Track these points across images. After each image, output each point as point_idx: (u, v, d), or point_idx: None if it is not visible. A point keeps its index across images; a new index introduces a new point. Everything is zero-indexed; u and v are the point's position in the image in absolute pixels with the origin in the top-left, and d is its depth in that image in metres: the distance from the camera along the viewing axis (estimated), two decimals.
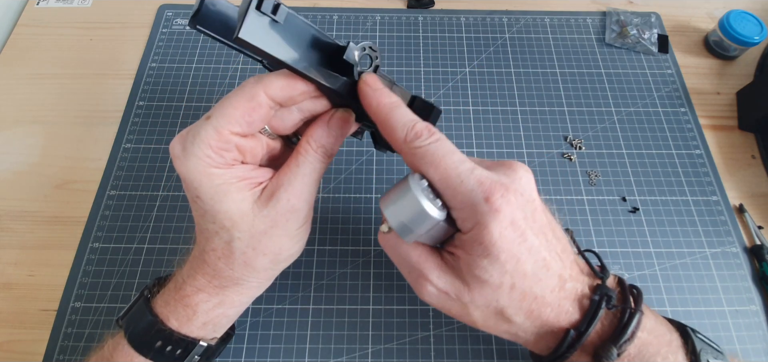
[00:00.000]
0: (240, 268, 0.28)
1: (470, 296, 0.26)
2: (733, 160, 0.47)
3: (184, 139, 0.26)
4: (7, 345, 0.37)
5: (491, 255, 0.25)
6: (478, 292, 0.26)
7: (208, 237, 0.28)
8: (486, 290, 0.26)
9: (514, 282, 0.26)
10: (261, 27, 0.23)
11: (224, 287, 0.29)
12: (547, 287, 0.26)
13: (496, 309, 0.27)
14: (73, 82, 0.51)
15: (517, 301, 0.26)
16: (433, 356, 0.37)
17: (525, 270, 0.25)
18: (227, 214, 0.26)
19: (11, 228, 0.42)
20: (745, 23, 0.51)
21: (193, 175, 0.25)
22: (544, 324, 0.27)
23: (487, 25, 0.56)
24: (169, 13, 0.56)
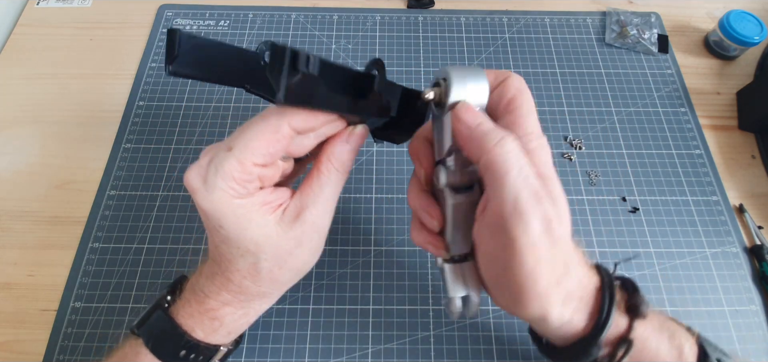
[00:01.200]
0: (267, 284, 0.29)
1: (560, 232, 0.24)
2: (733, 160, 0.47)
3: (204, 172, 0.25)
4: (7, 345, 0.37)
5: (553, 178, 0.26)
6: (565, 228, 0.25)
7: (232, 260, 0.28)
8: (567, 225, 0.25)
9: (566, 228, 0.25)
10: (297, 83, 0.23)
11: (250, 300, 0.30)
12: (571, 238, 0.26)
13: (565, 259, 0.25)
14: (73, 82, 0.51)
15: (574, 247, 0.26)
16: (433, 356, 0.37)
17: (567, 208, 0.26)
18: (253, 240, 0.27)
19: (11, 228, 0.42)
20: (745, 23, 0.51)
21: (216, 207, 0.25)
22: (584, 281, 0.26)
23: (487, 25, 0.56)
24: (169, 13, 0.56)
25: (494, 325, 0.38)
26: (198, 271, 0.31)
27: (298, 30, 0.55)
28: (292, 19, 0.56)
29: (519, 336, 0.38)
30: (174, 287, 0.32)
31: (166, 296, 0.31)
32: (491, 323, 0.38)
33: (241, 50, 0.26)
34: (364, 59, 0.53)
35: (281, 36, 0.54)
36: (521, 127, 0.26)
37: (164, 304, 0.30)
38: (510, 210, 0.24)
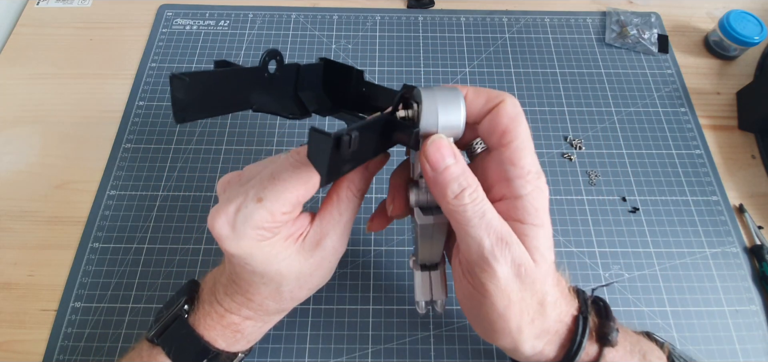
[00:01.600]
0: (287, 302, 0.31)
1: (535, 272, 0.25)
2: (733, 160, 0.47)
3: (232, 220, 0.25)
4: (7, 345, 0.37)
5: (545, 227, 0.25)
6: (541, 268, 0.25)
7: (254, 285, 0.29)
8: (544, 266, 0.25)
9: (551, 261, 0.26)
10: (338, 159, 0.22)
11: (271, 315, 0.32)
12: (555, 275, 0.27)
13: (541, 299, 0.26)
14: (73, 82, 0.51)
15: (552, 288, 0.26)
16: (433, 356, 0.37)
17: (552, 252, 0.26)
18: (277, 272, 0.28)
19: (11, 228, 0.42)
20: (745, 23, 0.51)
21: (244, 251, 0.26)
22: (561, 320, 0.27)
23: (487, 25, 0.56)
24: (169, 13, 0.56)
25: None
26: (213, 282, 0.31)
27: (298, 30, 0.55)
28: (292, 19, 0.56)
29: None
30: (190, 294, 0.32)
31: (182, 305, 0.31)
32: None
33: (242, 70, 0.26)
34: (364, 59, 0.53)
35: (281, 36, 0.54)
36: (516, 164, 0.25)
37: (184, 315, 0.31)
38: (475, 258, 0.25)
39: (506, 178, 0.25)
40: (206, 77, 0.24)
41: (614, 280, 0.39)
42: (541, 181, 0.26)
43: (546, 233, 0.26)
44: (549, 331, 0.27)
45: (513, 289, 0.25)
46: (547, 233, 0.26)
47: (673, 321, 0.39)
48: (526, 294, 0.25)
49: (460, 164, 0.25)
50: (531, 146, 0.26)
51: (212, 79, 0.25)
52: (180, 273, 0.40)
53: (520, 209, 0.25)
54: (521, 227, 0.25)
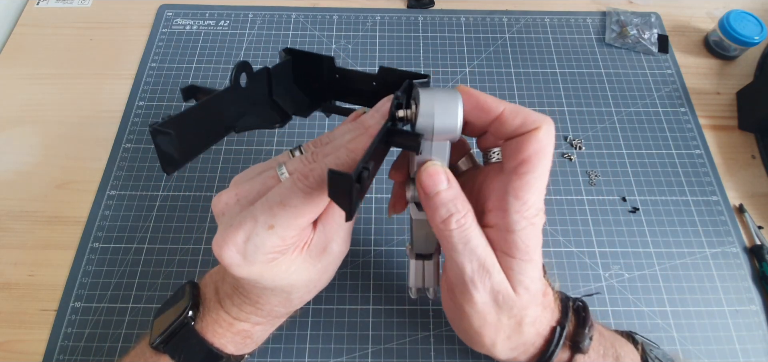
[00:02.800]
0: (297, 305, 0.31)
1: (514, 301, 0.26)
2: (733, 160, 0.47)
3: (243, 249, 0.25)
4: (7, 345, 0.37)
5: (533, 261, 0.26)
6: (522, 298, 0.26)
7: (263, 296, 0.29)
8: (526, 296, 0.26)
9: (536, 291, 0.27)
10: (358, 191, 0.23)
11: (280, 318, 0.32)
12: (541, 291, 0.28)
13: (519, 321, 0.27)
14: (73, 82, 0.51)
15: (533, 309, 0.27)
16: (433, 356, 0.37)
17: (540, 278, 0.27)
18: (288, 284, 0.28)
19: (11, 228, 0.42)
20: (745, 23, 0.51)
21: (255, 275, 0.26)
22: (540, 332, 0.28)
23: (487, 25, 0.56)
24: (169, 13, 0.56)
25: None
26: (214, 288, 0.31)
27: (298, 30, 0.55)
28: (292, 19, 0.56)
29: None
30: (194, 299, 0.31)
31: (187, 311, 0.30)
32: None
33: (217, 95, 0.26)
34: (364, 59, 0.53)
35: (281, 36, 0.54)
36: (519, 198, 0.25)
37: (190, 322, 0.30)
38: (456, 281, 0.27)
39: (504, 209, 0.26)
40: (187, 117, 0.24)
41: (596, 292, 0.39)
42: (538, 219, 0.26)
43: (533, 267, 0.26)
44: (526, 344, 0.28)
45: (489, 313, 0.27)
46: (535, 267, 0.27)
47: (673, 321, 0.39)
48: (502, 317, 0.27)
49: (451, 190, 0.25)
50: (543, 181, 0.26)
51: (192, 116, 0.24)
52: (180, 273, 0.40)
53: (510, 243, 0.26)
54: (508, 260, 0.26)
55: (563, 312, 0.29)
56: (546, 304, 0.29)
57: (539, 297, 0.28)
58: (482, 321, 0.27)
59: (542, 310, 0.28)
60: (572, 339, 0.29)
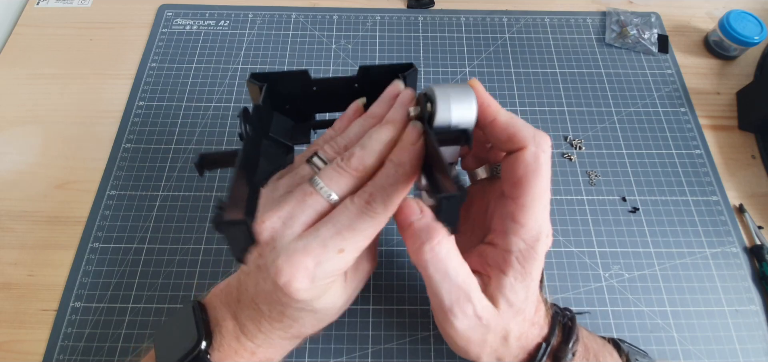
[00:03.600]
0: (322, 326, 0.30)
1: (498, 320, 0.27)
2: (733, 160, 0.47)
3: (312, 274, 0.24)
4: (7, 345, 0.37)
5: (527, 277, 0.26)
6: (504, 316, 0.27)
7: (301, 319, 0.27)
8: (509, 313, 0.27)
9: (525, 309, 0.28)
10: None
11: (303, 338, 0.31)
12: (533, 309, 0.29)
13: (504, 336, 0.28)
14: (73, 82, 0.51)
15: (520, 324, 0.28)
16: (433, 356, 0.37)
17: (534, 296, 0.28)
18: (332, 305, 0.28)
19: (11, 228, 0.42)
20: (745, 23, 0.51)
21: (313, 297, 0.26)
22: (525, 347, 0.29)
23: (487, 25, 0.56)
24: (169, 13, 0.56)
25: None
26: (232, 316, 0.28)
27: (298, 30, 0.55)
28: (292, 19, 0.56)
29: None
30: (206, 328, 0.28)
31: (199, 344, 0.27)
32: None
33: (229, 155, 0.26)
34: (364, 59, 0.53)
35: (281, 36, 0.54)
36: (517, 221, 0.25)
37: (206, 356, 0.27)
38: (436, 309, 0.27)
39: (503, 230, 0.26)
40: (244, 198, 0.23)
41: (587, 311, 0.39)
42: (540, 244, 0.26)
43: (524, 287, 0.27)
44: (510, 356, 0.29)
45: (473, 334, 0.27)
46: (526, 287, 0.27)
47: (673, 321, 0.39)
48: (488, 336, 0.27)
49: (424, 219, 0.26)
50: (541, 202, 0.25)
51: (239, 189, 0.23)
52: (180, 273, 0.40)
53: (506, 262, 0.26)
54: (501, 276, 0.26)
55: (551, 329, 0.29)
56: (535, 321, 0.29)
57: (524, 313, 0.28)
58: (466, 341, 0.28)
59: (530, 326, 0.29)
60: (555, 353, 0.29)
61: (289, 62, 0.52)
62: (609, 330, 0.38)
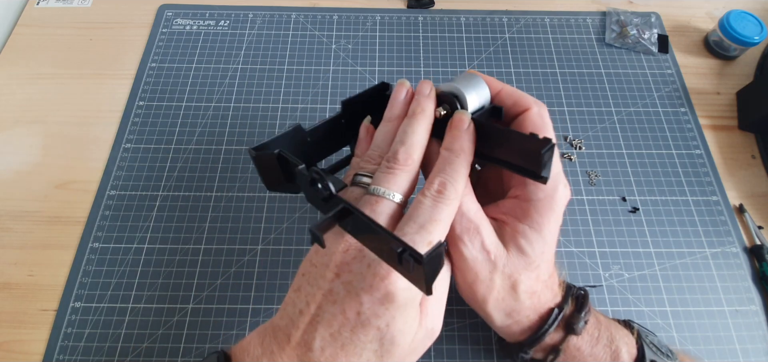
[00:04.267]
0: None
1: (504, 262, 0.28)
2: (733, 160, 0.47)
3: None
4: (7, 345, 0.37)
5: (542, 231, 0.28)
6: (514, 261, 0.28)
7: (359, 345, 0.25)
8: (520, 261, 0.28)
9: (540, 264, 0.28)
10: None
11: None
12: (548, 272, 0.30)
13: (512, 283, 0.28)
14: (73, 82, 0.51)
15: (532, 281, 0.29)
16: (433, 356, 0.37)
17: (550, 256, 0.29)
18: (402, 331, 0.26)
19: (11, 228, 0.42)
20: (745, 23, 0.51)
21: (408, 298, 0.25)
22: (537, 307, 0.29)
23: (487, 25, 0.56)
24: (169, 13, 0.56)
25: None
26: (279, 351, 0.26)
27: (298, 30, 0.55)
28: (292, 19, 0.56)
29: None
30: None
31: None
32: None
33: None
34: (364, 59, 0.53)
35: (281, 36, 0.54)
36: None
37: None
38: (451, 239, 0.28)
39: (522, 182, 0.29)
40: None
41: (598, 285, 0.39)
42: (557, 194, 0.28)
43: (540, 238, 0.28)
44: (520, 314, 0.29)
45: (481, 269, 0.28)
46: (542, 238, 0.28)
47: (673, 321, 0.39)
48: (495, 276, 0.28)
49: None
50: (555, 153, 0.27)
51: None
52: (180, 273, 0.40)
53: (522, 210, 0.28)
54: (517, 224, 0.28)
55: (565, 297, 0.30)
56: (549, 285, 0.30)
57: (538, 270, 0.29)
58: (474, 276, 0.28)
59: (543, 288, 0.29)
60: (567, 320, 0.30)
61: (289, 62, 0.52)
62: None
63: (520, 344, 0.31)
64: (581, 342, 0.30)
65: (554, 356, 0.30)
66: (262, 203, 0.44)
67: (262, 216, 0.43)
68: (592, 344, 0.30)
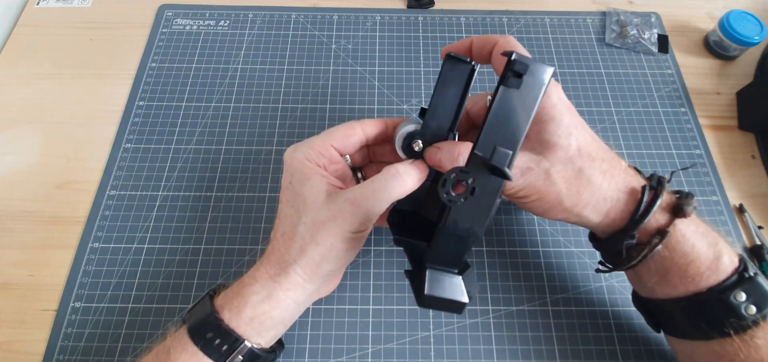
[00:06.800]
0: (295, 252, 0.30)
1: (549, 161, 0.30)
2: (733, 160, 0.47)
3: (298, 144, 0.32)
4: (7, 345, 0.37)
5: (555, 118, 0.29)
6: (553, 154, 0.29)
7: (283, 222, 0.31)
8: (559, 152, 0.29)
9: (580, 145, 0.30)
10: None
11: (276, 276, 0.30)
12: (609, 156, 0.31)
13: (574, 171, 0.30)
14: (73, 82, 0.51)
15: (589, 161, 0.30)
16: (433, 356, 0.37)
17: (585, 136, 0.30)
18: (303, 196, 0.30)
19: (11, 228, 0.42)
20: (745, 23, 0.51)
21: (293, 163, 0.31)
22: (619, 185, 0.30)
23: (487, 25, 0.56)
24: (169, 13, 0.56)
25: (494, 325, 0.38)
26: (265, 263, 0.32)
27: (298, 30, 0.55)
28: (292, 19, 0.56)
29: (519, 336, 0.38)
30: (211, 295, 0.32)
31: (219, 285, 0.32)
32: (491, 323, 0.38)
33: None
34: (364, 59, 0.53)
35: (281, 36, 0.54)
36: None
37: (210, 292, 0.32)
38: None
39: None
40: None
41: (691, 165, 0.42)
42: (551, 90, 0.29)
43: (555, 123, 0.29)
44: (606, 200, 0.30)
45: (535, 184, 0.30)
46: (557, 121, 0.29)
47: None
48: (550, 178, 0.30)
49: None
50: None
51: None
52: (180, 273, 0.40)
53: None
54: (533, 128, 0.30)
55: (651, 179, 0.31)
56: (615, 165, 0.31)
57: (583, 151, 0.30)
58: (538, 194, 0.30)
59: (608, 166, 0.30)
60: (675, 205, 0.30)
61: (289, 62, 0.52)
62: (609, 330, 0.38)
63: (624, 229, 0.30)
64: (687, 229, 0.29)
65: (660, 239, 0.29)
66: (262, 203, 0.44)
67: (262, 216, 0.43)
68: (697, 237, 0.29)
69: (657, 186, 0.30)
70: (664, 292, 0.31)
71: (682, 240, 0.29)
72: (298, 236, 0.30)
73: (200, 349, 0.29)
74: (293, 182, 0.31)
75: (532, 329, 0.38)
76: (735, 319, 0.28)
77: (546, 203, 0.31)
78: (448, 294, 0.28)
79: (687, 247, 0.29)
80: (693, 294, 0.29)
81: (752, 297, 0.28)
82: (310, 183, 0.31)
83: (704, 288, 0.29)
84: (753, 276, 0.29)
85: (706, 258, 0.29)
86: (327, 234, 0.30)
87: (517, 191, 0.30)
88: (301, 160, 0.31)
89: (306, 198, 0.30)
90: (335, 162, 0.33)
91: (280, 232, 0.31)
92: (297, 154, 0.32)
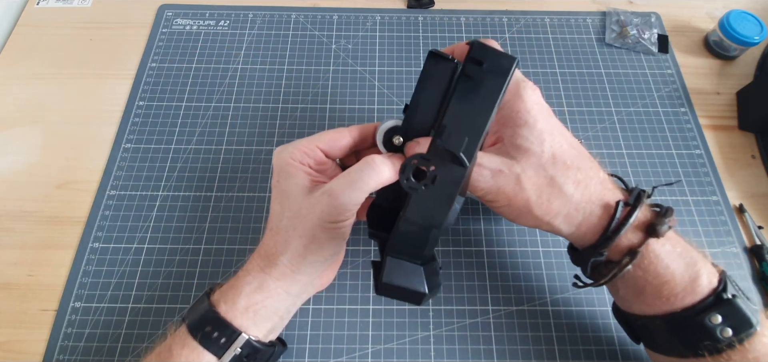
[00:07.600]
0: (281, 244, 0.31)
1: (520, 166, 0.29)
2: (733, 160, 0.47)
3: (285, 145, 0.33)
4: (7, 345, 0.37)
5: (528, 123, 0.29)
6: (526, 160, 0.29)
7: (271, 219, 0.32)
8: (531, 157, 0.29)
9: (554, 153, 0.29)
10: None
11: (265, 268, 0.31)
12: (586, 164, 0.30)
13: (546, 178, 0.29)
14: (73, 82, 0.51)
15: (563, 170, 0.29)
16: (433, 356, 0.37)
17: (561, 142, 0.29)
18: (286, 192, 0.31)
19: (11, 228, 0.42)
20: (745, 23, 0.51)
21: (278, 162, 0.32)
22: (593, 198, 0.29)
23: (487, 25, 0.56)
24: (169, 13, 0.56)
25: (494, 325, 0.38)
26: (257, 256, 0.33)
27: (298, 30, 0.55)
28: (292, 19, 0.56)
29: (519, 336, 0.38)
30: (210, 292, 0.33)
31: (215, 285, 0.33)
32: (491, 323, 0.38)
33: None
34: (364, 59, 0.53)
35: (281, 36, 0.54)
36: None
37: (207, 290, 0.32)
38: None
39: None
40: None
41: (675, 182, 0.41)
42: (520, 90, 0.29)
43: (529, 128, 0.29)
44: (578, 211, 0.29)
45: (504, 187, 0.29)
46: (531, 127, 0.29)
47: None
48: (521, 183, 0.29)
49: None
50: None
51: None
52: (180, 273, 0.40)
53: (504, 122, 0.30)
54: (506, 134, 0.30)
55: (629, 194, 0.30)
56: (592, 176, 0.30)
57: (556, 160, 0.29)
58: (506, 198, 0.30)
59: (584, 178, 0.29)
60: (649, 224, 0.29)
61: (289, 62, 0.52)
62: (609, 330, 0.38)
63: (594, 245, 0.30)
64: (661, 249, 0.29)
65: (631, 258, 0.29)
66: (262, 203, 0.44)
67: (262, 216, 0.43)
68: (672, 257, 0.29)
69: (634, 201, 0.29)
70: (640, 309, 0.31)
71: (656, 260, 0.29)
72: (282, 229, 0.31)
73: (199, 343, 0.29)
74: (279, 180, 0.32)
75: (532, 329, 0.38)
76: (710, 342, 0.28)
77: (515, 209, 0.30)
78: (406, 284, 0.28)
79: (660, 268, 0.29)
80: (668, 313, 0.29)
81: (729, 320, 0.27)
82: (293, 179, 0.31)
83: (679, 308, 0.28)
84: (731, 299, 0.28)
85: (681, 279, 0.28)
86: (308, 226, 0.30)
87: (485, 193, 0.30)
88: (286, 159, 0.32)
89: (289, 193, 0.31)
90: (321, 163, 0.33)
91: (268, 227, 0.32)
92: (283, 153, 0.32)
